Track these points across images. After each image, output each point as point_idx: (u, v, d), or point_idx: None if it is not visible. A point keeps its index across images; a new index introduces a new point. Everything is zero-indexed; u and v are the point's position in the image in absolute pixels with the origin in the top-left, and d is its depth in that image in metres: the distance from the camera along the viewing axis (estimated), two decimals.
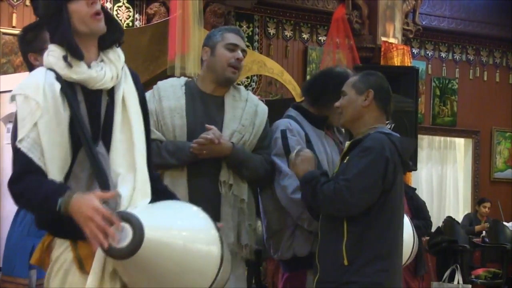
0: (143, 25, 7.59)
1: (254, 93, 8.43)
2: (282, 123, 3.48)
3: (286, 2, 8.88)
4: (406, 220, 3.47)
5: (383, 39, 8.78)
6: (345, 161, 3.04)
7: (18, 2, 7.27)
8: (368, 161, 2.97)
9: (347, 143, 3.12)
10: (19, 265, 3.17)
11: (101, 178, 2.37)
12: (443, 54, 10.29)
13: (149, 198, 2.40)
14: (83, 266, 2.36)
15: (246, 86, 8.57)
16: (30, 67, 3.18)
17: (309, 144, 3.41)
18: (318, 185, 2.99)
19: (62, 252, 2.38)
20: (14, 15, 7.24)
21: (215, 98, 3.42)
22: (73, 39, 2.42)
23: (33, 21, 7.81)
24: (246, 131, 3.38)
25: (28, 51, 3.18)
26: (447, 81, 10.30)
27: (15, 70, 7.05)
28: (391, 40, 8.81)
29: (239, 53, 3.40)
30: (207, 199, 3.17)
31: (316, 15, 9.13)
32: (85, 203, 2.23)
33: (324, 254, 3.05)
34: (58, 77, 2.39)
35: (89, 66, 2.43)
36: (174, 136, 3.29)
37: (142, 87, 2.60)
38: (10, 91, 6.14)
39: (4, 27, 7.18)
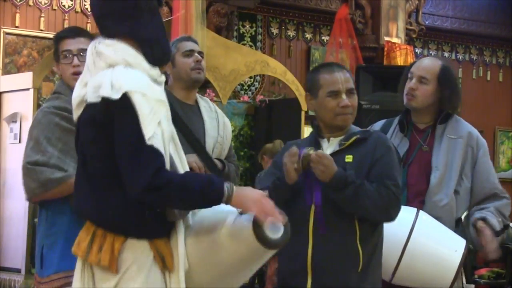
0: None
1: (257, 93, 8.47)
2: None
3: (289, 2, 8.88)
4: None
5: (386, 39, 8.78)
6: (350, 160, 2.87)
7: (21, 2, 7.27)
8: (397, 163, 2.93)
9: (332, 142, 2.95)
10: (37, 264, 3.24)
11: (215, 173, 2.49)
12: (446, 54, 10.28)
13: None
14: (165, 263, 2.35)
15: (249, 86, 8.57)
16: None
17: None
18: (362, 189, 2.79)
19: (141, 253, 2.33)
20: (18, 15, 7.24)
21: (192, 106, 3.61)
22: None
23: (36, 21, 7.80)
24: (223, 143, 3.64)
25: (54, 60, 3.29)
26: None
27: (18, 70, 7.07)
28: (394, 40, 8.81)
29: (197, 56, 3.59)
30: None
31: (319, 15, 9.13)
32: (250, 190, 2.36)
33: (328, 258, 2.83)
34: None
35: None
36: None
37: None
38: (13, 91, 6.16)
39: (7, 27, 7.19)
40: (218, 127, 3.64)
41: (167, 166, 2.31)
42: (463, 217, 3.56)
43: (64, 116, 3.11)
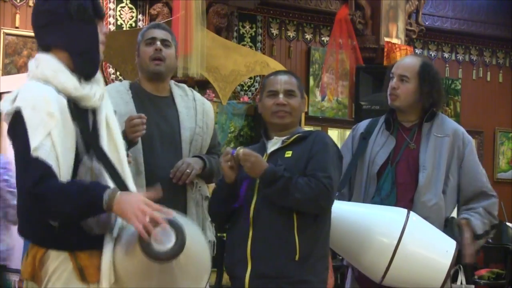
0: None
1: (257, 93, 8.46)
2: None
3: (289, 2, 8.87)
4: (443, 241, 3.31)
5: (386, 39, 8.77)
6: (289, 156, 3.02)
7: (21, 3, 7.27)
8: (335, 158, 3.03)
9: (276, 140, 3.10)
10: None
11: (119, 184, 2.40)
12: (446, 55, 10.28)
13: None
14: (84, 276, 2.35)
15: (249, 87, 8.58)
16: None
17: (363, 141, 3.52)
18: (292, 182, 2.91)
19: (60, 264, 2.35)
20: (17, 16, 7.24)
21: (164, 98, 3.41)
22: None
23: None
24: (204, 133, 3.41)
25: None
26: (450, 82, 10.29)
27: (18, 70, 7.06)
28: (394, 40, 8.80)
29: (157, 44, 3.36)
30: (172, 198, 3.11)
31: (319, 16, 9.13)
32: (134, 197, 2.26)
33: (266, 247, 2.96)
34: (58, 92, 2.38)
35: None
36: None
37: None
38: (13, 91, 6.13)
39: (7, 28, 7.19)
40: (196, 116, 3.42)
41: (62, 175, 2.31)
42: (455, 214, 3.55)
43: None
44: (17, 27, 7.20)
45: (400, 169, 3.45)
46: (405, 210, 3.28)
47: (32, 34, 2.53)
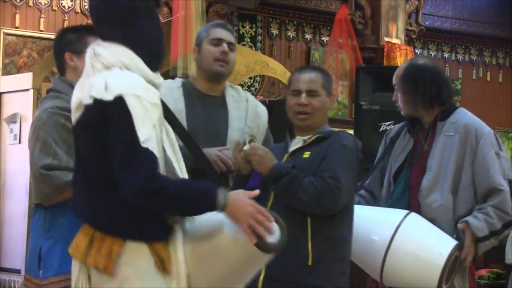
0: None
1: (257, 93, 8.46)
2: None
3: (289, 2, 8.87)
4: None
5: (386, 39, 8.77)
6: (306, 156, 2.98)
7: (21, 3, 7.27)
8: (349, 160, 2.95)
9: (298, 140, 3.07)
10: (33, 265, 3.22)
11: (213, 177, 2.52)
12: (446, 55, 10.28)
13: None
14: (165, 267, 2.33)
15: (249, 87, 8.57)
16: (60, 66, 3.22)
17: (390, 145, 3.51)
18: (297, 180, 2.88)
19: (142, 257, 2.32)
20: (17, 16, 7.23)
21: (215, 98, 3.37)
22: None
23: (36, 22, 7.80)
24: (253, 133, 3.36)
25: (65, 50, 3.21)
26: (450, 82, 10.28)
27: (18, 70, 7.06)
28: (394, 40, 8.80)
29: (224, 46, 3.33)
30: None
31: (319, 16, 9.13)
32: (243, 200, 2.30)
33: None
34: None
35: None
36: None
37: None
38: (13, 91, 6.17)
39: (7, 28, 7.18)
40: (246, 117, 3.38)
41: (161, 169, 2.31)
42: None
43: (68, 116, 3.07)
44: (17, 27, 7.19)
45: (414, 171, 3.44)
46: (406, 211, 3.27)
47: (32, 34, 2.51)
